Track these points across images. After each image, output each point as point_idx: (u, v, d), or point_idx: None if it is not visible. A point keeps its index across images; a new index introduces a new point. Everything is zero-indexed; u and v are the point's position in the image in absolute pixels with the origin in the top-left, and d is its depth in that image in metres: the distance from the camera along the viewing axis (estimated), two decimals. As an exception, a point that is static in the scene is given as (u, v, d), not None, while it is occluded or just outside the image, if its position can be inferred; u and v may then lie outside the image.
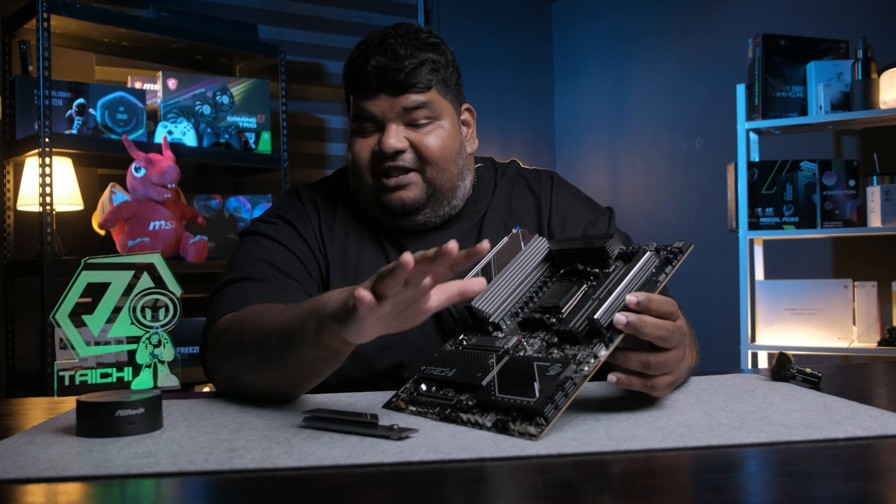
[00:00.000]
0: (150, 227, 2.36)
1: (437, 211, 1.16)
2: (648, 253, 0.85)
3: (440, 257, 0.69)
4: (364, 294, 0.68)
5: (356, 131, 1.14)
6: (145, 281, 1.07)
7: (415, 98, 1.10)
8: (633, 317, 0.76)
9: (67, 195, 2.47)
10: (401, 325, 0.77)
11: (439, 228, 1.19)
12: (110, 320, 1.05)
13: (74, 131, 2.41)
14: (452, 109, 1.16)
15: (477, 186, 1.23)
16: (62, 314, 0.98)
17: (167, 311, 1.09)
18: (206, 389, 2.39)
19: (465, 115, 1.21)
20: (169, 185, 2.36)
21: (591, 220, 1.22)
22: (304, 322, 0.83)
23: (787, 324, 2.70)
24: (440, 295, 0.76)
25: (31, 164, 2.46)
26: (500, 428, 0.73)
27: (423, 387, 0.86)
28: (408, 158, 1.11)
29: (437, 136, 1.12)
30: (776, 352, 1.13)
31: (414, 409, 0.84)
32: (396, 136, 1.10)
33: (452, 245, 0.69)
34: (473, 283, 0.76)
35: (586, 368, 0.75)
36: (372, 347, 1.12)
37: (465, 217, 1.21)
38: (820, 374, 0.97)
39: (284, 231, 1.16)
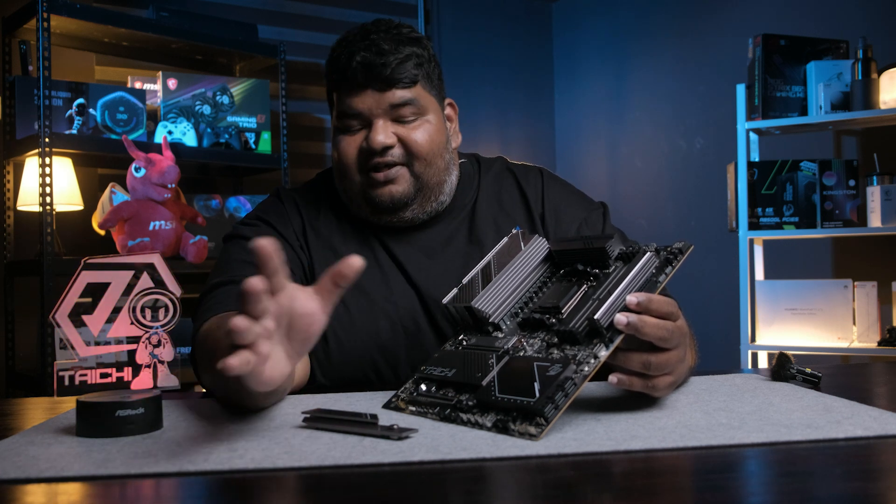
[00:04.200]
0: (150, 227, 2.36)
1: (424, 207, 1.15)
2: (648, 253, 0.85)
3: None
4: (230, 362, 0.61)
5: (342, 129, 1.13)
6: (145, 281, 1.08)
7: (401, 94, 1.10)
8: (633, 317, 0.76)
9: (67, 195, 2.47)
10: (301, 346, 0.70)
11: (426, 226, 1.19)
12: (110, 320, 1.05)
13: (74, 131, 2.41)
14: (437, 104, 1.16)
15: (460, 182, 1.23)
16: (62, 314, 0.98)
17: (167, 311, 1.09)
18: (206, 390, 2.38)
19: (448, 110, 1.21)
20: (169, 185, 2.36)
21: (585, 216, 1.22)
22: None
23: (787, 324, 2.70)
24: (321, 291, 0.70)
25: (31, 164, 2.46)
26: (500, 428, 0.73)
27: (423, 387, 0.86)
28: (396, 153, 1.11)
29: (425, 130, 1.12)
30: (776, 352, 1.13)
31: (414, 409, 0.84)
32: (384, 132, 1.09)
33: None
34: (343, 265, 0.69)
35: (586, 369, 0.75)
36: (370, 347, 1.12)
37: (450, 213, 1.21)
38: (820, 374, 0.97)
39: (265, 232, 1.16)
